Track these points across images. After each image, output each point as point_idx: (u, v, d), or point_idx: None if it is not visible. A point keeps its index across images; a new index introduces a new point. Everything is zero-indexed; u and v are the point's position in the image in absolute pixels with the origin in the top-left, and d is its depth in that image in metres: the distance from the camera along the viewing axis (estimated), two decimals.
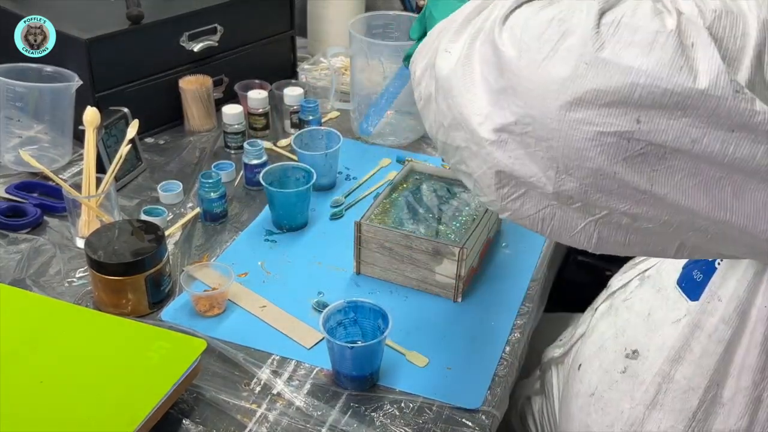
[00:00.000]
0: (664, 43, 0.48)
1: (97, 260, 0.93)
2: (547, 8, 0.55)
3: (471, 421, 0.84)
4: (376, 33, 1.37)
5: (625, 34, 0.50)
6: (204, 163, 1.30)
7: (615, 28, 0.50)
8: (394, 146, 1.37)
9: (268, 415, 0.84)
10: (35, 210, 1.13)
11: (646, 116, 0.49)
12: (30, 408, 0.76)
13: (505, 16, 0.56)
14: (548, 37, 0.52)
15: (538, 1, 0.57)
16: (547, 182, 0.55)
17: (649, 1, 0.51)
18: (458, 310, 1.00)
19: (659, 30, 0.49)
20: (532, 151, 0.54)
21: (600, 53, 0.50)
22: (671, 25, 0.49)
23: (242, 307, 0.99)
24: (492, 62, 0.56)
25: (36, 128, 1.24)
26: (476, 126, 0.57)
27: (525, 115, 0.53)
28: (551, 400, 1.03)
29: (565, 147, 0.52)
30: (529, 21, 0.54)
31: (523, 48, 0.53)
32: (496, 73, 0.56)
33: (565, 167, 0.53)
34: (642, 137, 0.50)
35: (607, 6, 0.51)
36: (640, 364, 0.79)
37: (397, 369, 0.90)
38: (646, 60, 0.49)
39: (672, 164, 0.51)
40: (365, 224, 1.02)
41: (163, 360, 0.82)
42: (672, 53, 0.48)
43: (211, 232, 1.13)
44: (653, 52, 0.49)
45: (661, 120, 0.49)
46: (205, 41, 1.38)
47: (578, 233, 0.57)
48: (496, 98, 0.56)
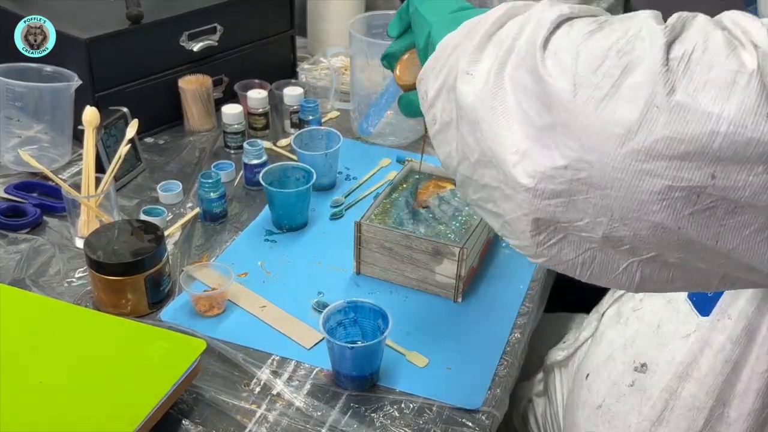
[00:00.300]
0: (746, 86, 0.43)
1: (96, 260, 0.93)
2: (598, 33, 0.49)
3: (471, 421, 0.84)
4: (376, 33, 1.37)
5: (699, 73, 0.44)
6: (204, 163, 1.30)
7: (686, 65, 0.45)
8: (394, 146, 1.37)
9: (268, 416, 0.84)
10: (35, 210, 1.13)
11: (723, 171, 0.44)
12: (30, 408, 0.75)
13: (545, 39, 0.50)
14: (608, 71, 0.46)
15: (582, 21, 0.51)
16: (595, 228, 0.49)
17: (718, 30, 0.46)
18: (458, 310, 1.00)
19: (739, 70, 0.43)
20: (583, 198, 0.48)
21: (673, 96, 0.44)
22: (751, 63, 0.43)
23: (242, 307, 0.99)
24: (533, 92, 0.50)
25: (35, 128, 1.24)
26: (511, 167, 0.51)
27: (579, 159, 0.47)
28: (555, 405, 1.03)
29: (625, 198, 0.47)
30: (581, 48, 0.48)
31: (578, 82, 0.47)
32: (540, 106, 0.50)
33: (621, 217, 0.48)
34: (715, 192, 0.45)
35: (673, 36, 0.46)
36: (648, 378, 0.79)
37: (397, 369, 0.90)
38: (727, 105, 0.43)
39: (742, 219, 0.46)
40: (365, 224, 1.02)
41: (163, 360, 0.81)
42: (756, 97, 0.43)
43: (211, 232, 1.13)
44: (734, 96, 0.43)
45: (739, 176, 0.44)
46: (205, 41, 1.38)
47: (619, 274, 0.52)
48: (539, 135, 0.50)
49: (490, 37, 0.56)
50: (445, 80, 0.59)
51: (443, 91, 0.59)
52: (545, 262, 0.54)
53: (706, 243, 0.47)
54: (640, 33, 0.47)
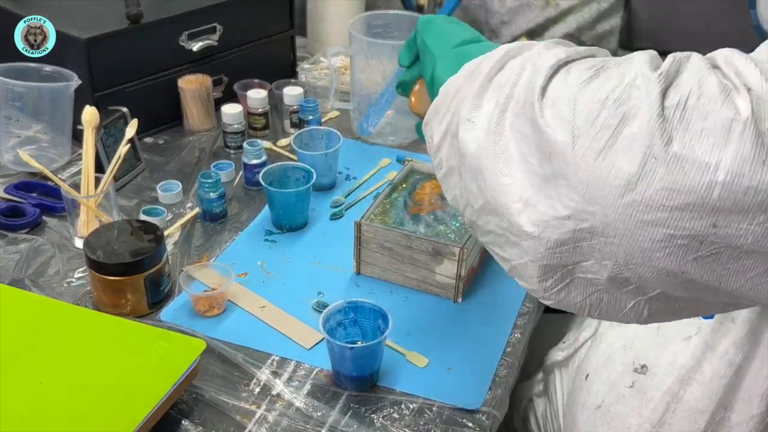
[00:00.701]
0: (741, 134, 0.43)
1: (96, 260, 0.93)
2: (595, 81, 0.49)
3: (471, 421, 0.84)
4: (376, 33, 1.37)
5: (695, 121, 0.44)
6: (203, 162, 1.30)
7: (682, 113, 0.45)
8: (394, 146, 1.37)
9: (268, 416, 0.84)
10: (34, 210, 1.13)
11: (725, 220, 0.44)
12: (29, 408, 0.75)
13: (542, 88, 0.51)
14: (605, 122, 0.46)
15: (578, 66, 0.51)
16: (600, 270, 0.50)
17: (712, 74, 0.46)
18: (458, 310, 1.00)
19: (734, 118, 0.43)
20: (587, 244, 0.49)
21: (670, 147, 0.44)
22: (745, 110, 0.44)
23: (242, 307, 0.99)
24: (533, 142, 0.50)
25: (35, 128, 1.24)
26: (515, 216, 0.51)
27: (582, 210, 0.48)
28: (555, 405, 1.03)
29: (628, 245, 0.47)
30: (578, 98, 0.48)
31: (576, 133, 0.47)
32: (540, 156, 0.50)
33: (626, 262, 0.48)
34: (717, 240, 0.45)
35: (668, 82, 0.46)
36: (648, 380, 0.78)
37: (397, 369, 0.90)
38: (723, 153, 0.43)
39: (746, 263, 0.46)
40: (365, 224, 1.02)
41: (163, 360, 0.81)
42: (751, 146, 0.43)
43: (211, 232, 1.13)
44: (730, 145, 0.43)
45: (741, 225, 0.44)
46: (205, 41, 1.38)
47: (627, 312, 0.52)
48: (541, 185, 0.50)
49: (490, 81, 0.56)
50: (449, 127, 0.59)
51: (447, 136, 0.59)
52: (554, 305, 0.55)
53: (710, 284, 0.47)
54: (635, 81, 0.47)
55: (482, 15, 1.77)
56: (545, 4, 1.70)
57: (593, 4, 1.68)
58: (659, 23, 1.61)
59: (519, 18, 1.74)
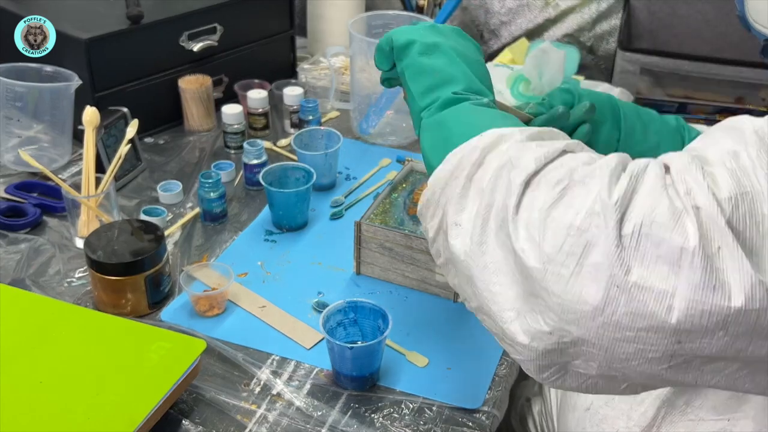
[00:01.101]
0: (691, 261, 0.46)
1: (96, 260, 0.93)
2: (560, 205, 0.52)
3: (471, 421, 0.84)
4: (376, 33, 1.37)
5: (650, 249, 0.48)
6: (204, 163, 1.30)
7: (637, 242, 0.48)
8: (394, 146, 1.37)
9: (268, 416, 0.84)
10: (35, 210, 1.13)
11: (687, 337, 0.48)
12: (30, 408, 0.75)
13: (516, 207, 0.54)
14: (570, 250, 0.50)
15: (547, 180, 0.54)
16: (588, 369, 0.53)
17: (664, 196, 0.49)
18: (458, 310, 1.00)
19: (683, 246, 0.47)
20: (572, 351, 0.53)
21: (629, 277, 0.48)
22: (693, 236, 0.47)
23: (242, 307, 0.99)
24: (513, 261, 0.54)
25: (35, 128, 1.24)
26: (508, 324, 0.55)
27: (560, 328, 0.52)
28: (548, 405, 1.03)
29: (607, 356, 0.51)
30: (546, 224, 0.52)
31: (545, 260, 0.51)
32: (522, 275, 0.54)
33: (608, 366, 0.52)
34: (685, 353, 0.49)
35: (623, 209, 0.49)
36: None
37: (397, 369, 0.90)
38: (677, 281, 0.47)
39: (718, 365, 0.50)
40: (365, 224, 1.02)
41: (163, 360, 0.81)
42: (701, 273, 0.46)
43: (211, 232, 1.13)
44: (682, 272, 0.47)
45: (702, 340, 0.48)
46: (205, 41, 1.38)
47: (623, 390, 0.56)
48: (527, 298, 0.54)
49: (471, 180, 0.59)
50: (440, 224, 0.62)
51: (440, 233, 0.62)
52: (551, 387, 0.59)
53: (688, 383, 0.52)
54: (594, 208, 0.50)
55: (482, 15, 1.77)
56: (545, 4, 1.71)
57: (593, 4, 1.68)
58: (659, 23, 1.61)
59: (519, 18, 1.74)
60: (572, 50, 0.88)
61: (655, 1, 1.61)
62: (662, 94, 1.63)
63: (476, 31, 1.79)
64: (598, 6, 1.67)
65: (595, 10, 1.68)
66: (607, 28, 1.69)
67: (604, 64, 1.72)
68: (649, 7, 1.61)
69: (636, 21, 1.63)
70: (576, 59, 0.84)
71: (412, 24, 0.80)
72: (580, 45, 1.69)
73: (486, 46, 1.79)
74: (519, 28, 1.74)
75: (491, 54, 1.75)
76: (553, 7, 1.70)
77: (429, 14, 1.65)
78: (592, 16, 1.68)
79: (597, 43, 1.71)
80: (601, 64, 1.72)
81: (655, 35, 1.62)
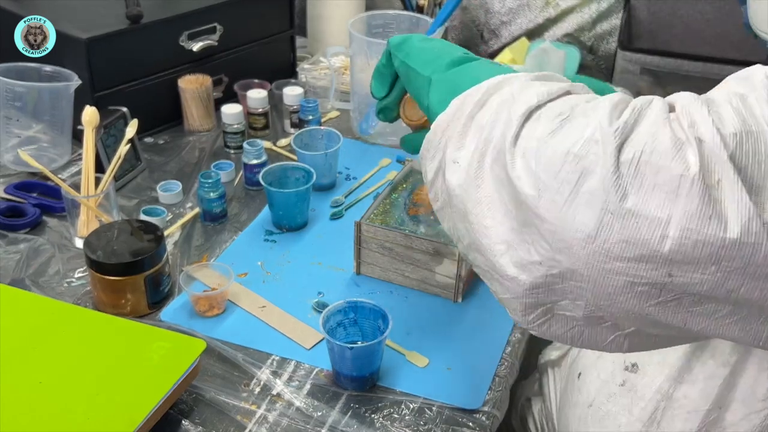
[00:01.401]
0: (690, 189, 0.45)
1: (96, 260, 0.93)
2: (559, 134, 0.51)
3: (471, 421, 0.84)
4: (376, 32, 1.37)
5: (648, 176, 0.47)
6: (203, 162, 1.30)
7: (635, 169, 0.47)
8: (394, 146, 1.37)
9: (268, 416, 0.84)
10: (34, 210, 1.13)
11: (678, 270, 0.47)
12: (29, 408, 0.75)
13: (515, 137, 0.53)
14: (566, 177, 0.49)
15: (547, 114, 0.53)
16: (575, 309, 0.53)
17: (667, 126, 0.48)
18: (458, 310, 1.00)
19: (683, 174, 0.46)
20: (559, 287, 0.52)
21: (624, 203, 0.47)
22: (694, 165, 0.46)
23: (242, 307, 0.99)
24: (507, 191, 0.54)
25: (35, 128, 1.24)
26: (498, 257, 0.55)
27: (551, 258, 0.51)
28: (549, 404, 1.03)
29: (595, 290, 0.50)
30: (543, 152, 0.51)
31: (540, 187, 0.50)
32: (515, 204, 0.53)
33: (595, 304, 0.51)
34: (675, 288, 0.48)
35: (624, 136, 0.48)
36: (639, 379, 0.78)
37: (397, 369, 0.90)
38: (673, 208, 0.46)
39: (708, 307, 0.48)
40: (365, 224, 1.02)
41: (163, 360, 0.81)
42: (699, 201, 0.45)
43: (211, 232, 1.13)
44: (679, 201, 0.46)
45: (694, 274, 0.47)
46: (205, 41, 1.38)
47: (608, 344, 0.55)
48: (519, 229, 0.53)
49: (473, 119, 0.58)
50: (440, 164, 0.61)
51: (439, 174, 0.62)
52: (539, 335, 0.57)
53: (676, 325, 0.50)
54: (594, 135, 0.49)
55: (482, 15, 1.77)
56: (545, 4, 1.71)
57: (593, 4, 1.68)
58: (659, 23, 1.61)
59: (519, 18, 1.74)
60: (572, 50, 0.88)
61: (655, 1, 1.61)
62: (663, 93, 1.62)
63: (476, 31, 1.79)
64: (598, 6, 1.67)
65: (595, 10, 1.68)
66: (607, 28, 1.69)
67: (604, 63, 1.72)
68: (649, 7, 1.61)
69: (636, 21, 1.63)
70: (576, 59, 0.85)
71: (411, 24, 0.80)
72: (580, 45, 1.68)
73: (486, 46, 1.79)
74: (519, 27, 1.74)
75: (491, 54, 1.74)
76: (554, 7, 1.70)
77: (429, 14, 1.65)
78: (592, 16, 1.68)
79: (597, 42, 1.70)
80: (601, 63, 1.72)
81: (655, 35, 1.62)
